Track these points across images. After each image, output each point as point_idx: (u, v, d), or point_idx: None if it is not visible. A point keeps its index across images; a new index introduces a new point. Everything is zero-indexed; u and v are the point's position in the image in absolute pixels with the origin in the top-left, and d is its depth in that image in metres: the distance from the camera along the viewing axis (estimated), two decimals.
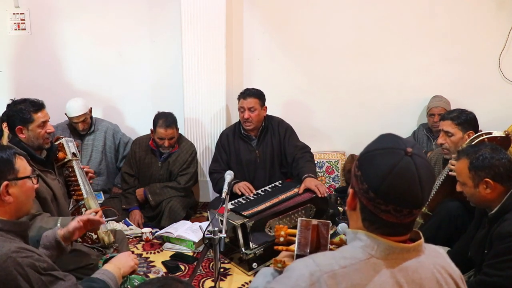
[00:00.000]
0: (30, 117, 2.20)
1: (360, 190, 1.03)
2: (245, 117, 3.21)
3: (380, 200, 0.99)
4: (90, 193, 2.41)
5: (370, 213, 1.02)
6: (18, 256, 1.36)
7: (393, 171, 0.97)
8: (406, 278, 1.01)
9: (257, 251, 2.68)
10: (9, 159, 1.51)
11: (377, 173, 0.99)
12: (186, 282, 1.08)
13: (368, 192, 1.00)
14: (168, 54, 3.77)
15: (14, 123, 2.21)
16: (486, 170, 1.89)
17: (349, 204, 1.10)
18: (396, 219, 1.00)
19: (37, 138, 2.23)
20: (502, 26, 3.63)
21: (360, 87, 3.82)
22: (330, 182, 3.92)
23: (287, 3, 3.69)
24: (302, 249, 1.29)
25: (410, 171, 0.98)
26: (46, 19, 3.80)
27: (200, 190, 3.80)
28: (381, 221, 1.01)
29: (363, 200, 1.03)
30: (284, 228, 1.40)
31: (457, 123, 2.50)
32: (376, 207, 1.00)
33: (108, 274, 1.61)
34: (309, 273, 1.00)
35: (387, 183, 0.97)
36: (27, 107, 2.21)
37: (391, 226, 1.02)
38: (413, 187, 0.97)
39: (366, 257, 1.01)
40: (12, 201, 1.48)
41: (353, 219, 1.10)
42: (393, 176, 0.97)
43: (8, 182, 1.48)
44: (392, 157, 0.99)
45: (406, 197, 0.98)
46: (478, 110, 3.02)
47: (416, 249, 1.04)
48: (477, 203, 1.99)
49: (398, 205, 0.98)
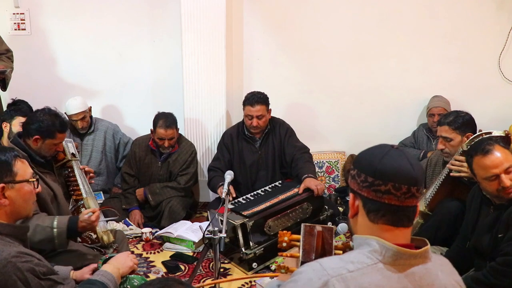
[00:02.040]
0: (54, 135, 2.22)
1: (359, 185, 1.08)
2: (254, 125, 3.21)
3: (379, 180, 1.04)
4: (89, 193, 2.41)
5: (373, 201, 1.06)
6: (18, 261, 1.35)
7: (385, 156, 1.07)
8: (413, 284, 1.02)
9: (257, 251, 2.68)
10: (8, 161, 1.49)
11: (371, 160, 1.08)
12: (187, 284, 1.07)
13: (366, 179, 1.06)
14: (168, 54, 3.77)
15: (33, 130, 2.20)
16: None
17: (351, 208, 1.13)
18: (398, 200, 1.04)
19: (46, 152, 2.25)
20: (502, 26, 3.63)
21: (360, 87, 3.81)
22: (330, 182, 3.92)
23: (287, 3, 3.69)
24: (307, 255, 1.29)
25: (400, 154, 1.07)
26: (46, 19, 3.80)
27: (200, 190, 3.80)
28: (385, 206, 1.05)
29: (364, 192, 1.07)
30: (287, 234, 1.39)
31: (454, 128, 2.49)
32: (376, 191, 1.05)
33: (107, 275, 1.60)
34: (317, 277, 1.00)
35: (382, 163, 1.05)
36: (55, 124, 2.23)
37: (395, 212, 1.05)
38: (405, 165, 1.05)
39: (373, 262, 1.02)
40: (8, 204, 1.47)
41: (358, 224, 1.11)
42: (386, 158, 1.06)
43: (5, 184, 1.46)
44: (381, 149, 1.10)
45: (401, 173, 1.04)
46: (478, 110, 3.03)
47: (423, 256, 1.05)
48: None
49: (396, 182, 1.03)
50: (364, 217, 1.08)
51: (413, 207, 1.06)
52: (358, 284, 0.98)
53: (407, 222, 1.07)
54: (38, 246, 1.99)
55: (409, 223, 1.07)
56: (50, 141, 2.22)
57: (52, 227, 2.00)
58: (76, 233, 2.10)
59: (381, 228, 1.06)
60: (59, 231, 2.01)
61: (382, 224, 1.06)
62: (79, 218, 2.06)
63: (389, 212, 1.05)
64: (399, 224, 1.06)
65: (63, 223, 2.02)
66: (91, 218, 2.06)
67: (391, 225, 1.05)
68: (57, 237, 2.00)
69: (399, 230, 1.06)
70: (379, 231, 1.06)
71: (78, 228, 2.05)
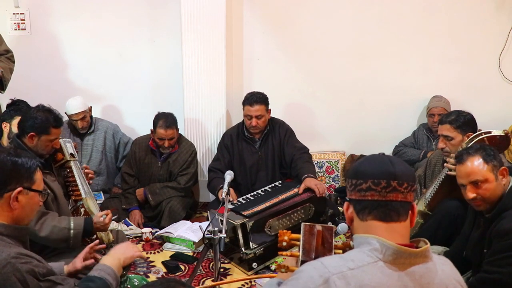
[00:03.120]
0: (48, 130, 2.23)
1: (348, 190, 1.15)
2: (253, 125, 3.22)
3: (360, 180, 1.10)
4: (88, 193, 2.41)
5: (358, 201, 1.12)
6: (18, 262, 1.35)
7: (366, 159, 1.15)
8: (414, 282, 1.03)
9: (257, 251, 2.68)
10: (31, 168, 1.52)
11: (355, 166, 1.16)
12: (188, 285, 1.08)
13: (351, 182, 1.13)
14: (168, 54, 3.77)
15: (28, 127, 2.22)
16: (498, 159, 1.89)
17: (346, 216, 1.18)
18: (379, 195, 1.08)
19: (42, 149, 2.25)
20: (502, 26, 3.63)
21: (360, 87, 3.81)
22: (330, 182, 3.92)
23: (287, 3, 3.69)
24: (307, 254, 1.29)
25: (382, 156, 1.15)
26: (46, 19, 3.80)
27: (200, 190, 3.80)
28: (368, 203, 1.10)
29: (352, 195, 1.13)
30: (287, 233, 1.40)
31: (455, 127, 2.48)
32: (360, 190, 1.11)
33: (105, 269, 1.58)
34: (318, 275, 1.01)
35: (362, 165, 1.13)
36: (49, 119, 2.23)
37: (379, 207, 1.09)
38: (384, 163, 1.11)
39: (373, 260, 1.03)
40: (17, 208, 1.48)
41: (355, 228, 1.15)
42: (367, 160, 1.15)
43: (23, 188, 1.48)
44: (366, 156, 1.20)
45: (379, 169, 1.10)
46: (478, 110, 3.02)
47: (424, 255, 1.06)
48: (494, 198, 1.90)
49: (375, 178, 1.09)
50: (356, 219, 1.13)
51: (400, 202, 1.09)
52: (359, 282, 0.99)
53: (396, 217, 1.09)
54: (52, 244, 2.08)
55: (399, 218, 1.09)
56: (46, 137, 2.22)
57: (69, 228, 2.08)
58: (90, 234, 2.18)
59: (370, 224, 1.09)
60: (76, 232, 2.10)
61: (371, 221, 1.09)
62: (93, 220, 2.16)
63: (374, 208, 1.09)
64: (388, 219, 1.08)
65: (80, 225, 2.11)
66: (105, 220, 2.16)
67: (380, 220, 1.08)
68: (73, 238, 2.09)
69: (390, 226, 1.08)
70: (370, 228, 1.09)
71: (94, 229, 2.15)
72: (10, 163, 1.47)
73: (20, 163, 1.49)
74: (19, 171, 1.49)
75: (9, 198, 1.46)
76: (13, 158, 1.49)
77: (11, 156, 1.49)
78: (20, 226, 1.52)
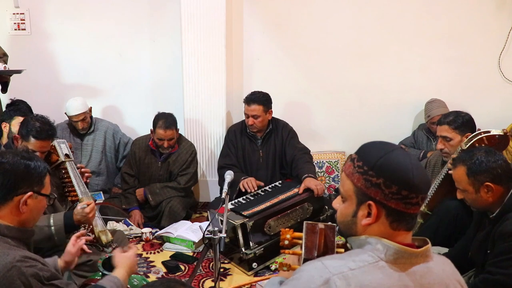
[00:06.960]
0: (27, 138, 2.29)
1: (387, 195, 1.04)
2: (249, 124, 3.26)
3: (413, 194, 1.03)
4: (85, 193, 2.40)
5: (399, 212, 1.05)
6: (23, 265, 1.34)
7: (411, 163, 1.06)
8: (415, 282, 1.03)
9: (257, 251, 2.68)
10: (43, 172, 1.52)
11: (407, 175, 1.04)
12: (188, 285, 1.08)
13: (399, 192, 1.03)
14: (168, 54, 3.77)
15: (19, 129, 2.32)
16: (485, 174, 1.89)
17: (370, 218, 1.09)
18: (414, 209, 1.06)
19: None
20: (502, 26, 3.63)
21: (360, 87, 3.82)
22: (330, 182, 3.92)
23: (287, 3, 3.70)
24: (310, 253, 1.29)
25: (421, 167, 1.09)
26: (46, 19, 3.80)
27: (200, 190, 3.80)
28: (408, 216, 1.06)
29: (391, 204, 1.04)
30: (289, 232, 1.39)
31: (454, 127, 2.49)
32: (406, 203, 1.04)
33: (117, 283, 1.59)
34: (318, 275, 1.01)
35: (414, 176, 1.04)
36: (32, 128, 2.27)
37: (410, 219, 1.07)
38: (426, 176, 1.08)
39: (374, 260, 1.03)
40: (26, 211, 1.48)
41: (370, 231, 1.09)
42: (413, 167, 1.05)
43: (33, 192, 1.48)
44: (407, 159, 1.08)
45: (427, 185, 1.07)
46: (478, 111, 3.03)
47: (425, 255, 1.06)
48: (479, 207, 1.99)
49: (424, 193, 1.06)
50: (382, 225, 1.07)
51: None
52: (359, 282, 0.99)
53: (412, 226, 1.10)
54: (39, 245, 2.01)
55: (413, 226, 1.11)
56: (26, 144, 2.27)
57: (49, 225, 2.05)
58: (74, 227, 2.12)
59: (399, 234, 1.07)
60: (57, 227, 2.05)
61: (403, 231, 1.07)
62: (74, 212, 2.10)
63: (410, 221, 1.07)
64: (411, 228, 1.09)
65: (59, 220, 2.07)
66: (85, 210, 2.08)
67: (407, 230, 1.08)
68: (56, 234, 2.05)
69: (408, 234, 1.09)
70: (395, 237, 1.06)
71: (74, 221, 2.09)
72: (23, 166, 1.47)
73: (33, 167, 1.49)
74: (32, 175, 1.48)
75: (18, 202, 1.45)
76: (26, 162, 1.48)
77: (24, 160, 1.48)
78: (25, 229, 1.51)
